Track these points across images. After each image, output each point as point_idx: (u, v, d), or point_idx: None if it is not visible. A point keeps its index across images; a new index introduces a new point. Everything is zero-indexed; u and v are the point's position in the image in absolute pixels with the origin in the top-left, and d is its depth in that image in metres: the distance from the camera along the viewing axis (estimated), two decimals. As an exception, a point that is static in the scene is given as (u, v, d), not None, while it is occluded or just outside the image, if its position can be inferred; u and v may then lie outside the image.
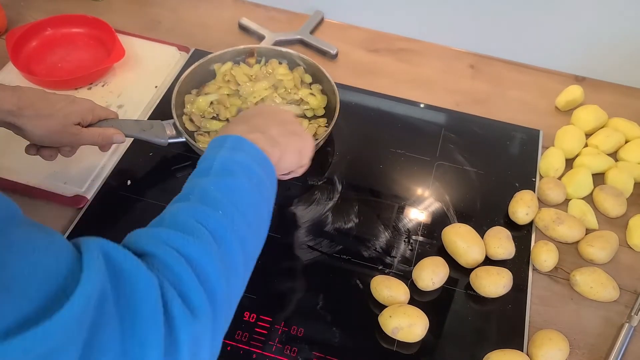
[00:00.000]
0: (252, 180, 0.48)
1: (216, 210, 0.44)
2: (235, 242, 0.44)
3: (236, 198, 0.46)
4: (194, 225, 0.42)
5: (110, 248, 0.36)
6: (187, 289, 0.38)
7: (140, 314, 0.35)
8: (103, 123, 0.70)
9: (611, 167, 0.81)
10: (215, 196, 0.45)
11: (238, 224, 0.45)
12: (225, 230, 0.43)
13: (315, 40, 0.97)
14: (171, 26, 1.00)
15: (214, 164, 0.48)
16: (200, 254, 0.40)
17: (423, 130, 0.87)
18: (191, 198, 0.45)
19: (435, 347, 0.64)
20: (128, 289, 0.35)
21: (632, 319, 0.66)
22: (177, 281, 0.38)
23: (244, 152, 0.50)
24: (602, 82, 0.95)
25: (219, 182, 0.46)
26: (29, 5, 1.02)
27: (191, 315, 0.38)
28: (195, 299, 0.38)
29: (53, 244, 0.34)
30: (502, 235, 0.71)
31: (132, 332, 0.34)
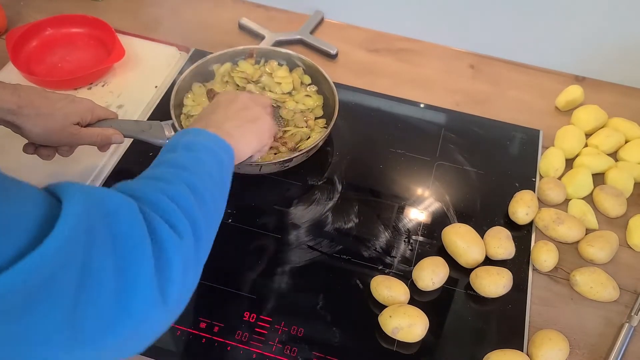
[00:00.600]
0: (213, 156, 0.52)
1: (188, 172, 0.48)
2: (206, 194, 0.48)
3: (201, 165, 0.50)
4: (170, 177, 0.47)
5: (85, 186, 0.38)
6: (171, 216, 0.42)
7: (126, 237, 0.37)
8: (102, 123, 0.70)
9: (611, 167, 0.81)
10: (183, 162, 0.49)
11: (205, 182, 0.49)
12: (196, 183, 0.47)
13: (315, 40, 0.97)
14: (171, 26, 1.00)
15: (178, 145, 0.52)
16: (178, 194, 0.44)
17: (423, 130, 0.87)
18: (163, 164, 0.50)
19: (435, 347, 0.64)
20: (111, 217, 0.37)
21: (632, 319, 0.66)
22: (162, 211, 0.42)
23: (204, 136, 0.54)
24: (602, 82, 0.95)
25: (185, 154, 0.50)
26: (28, 5, 1.02)
27: (177, 237, 0.41)
28: (180, 224, 0.42)
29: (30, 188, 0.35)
30: (502, 235, 0.71)
31: (122, 255, 0.36)
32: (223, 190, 0.52)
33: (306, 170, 0.80)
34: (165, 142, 0.74)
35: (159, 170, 0.48)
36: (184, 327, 0.64)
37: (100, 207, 0.37)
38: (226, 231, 0.72)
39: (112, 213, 0.37)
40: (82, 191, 0.36)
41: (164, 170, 0.48)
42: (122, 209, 0.38)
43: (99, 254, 0.34)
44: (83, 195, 0.35)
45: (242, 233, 0.73)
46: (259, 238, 0.72)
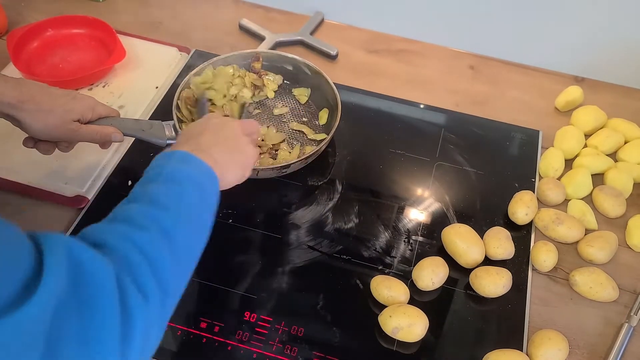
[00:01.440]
0: (197, 189, 0.50)
1: (166, 212, 0.46)
2: (183, 241, 0.47)
3: (182, 203, 0.48)
4: (145, 222, 0.45)
5: (74, 245, 0.38)
6: (140, 275, 0.41)
7: (98, 305, 0.37)
8: (103, 121, 0.71)
9: (610, 167, 0.81)
10: (164, 201, 0.47)
11: (184, 226, 0.47)
12: (174, 230, 0.46)
13: (315, 41, 0.98)
14: (172, 27, 1.01)
15: (163, 172, 0.50)
16: (151, 246, 0.43)
17: (423, 130, 0.87)
18: (142, 200, 0.47)
19: (435, 347, 0.64)
20: (87, 281, 0.37)
21: (632, 319, 0.66)
22: (131, 268, 0.41)
23: (190, 165, 0.52)
24: (601, 82, 0.96)
25: (168, 189, 0.48)
26: (29, 6, 1.02)
27: (144, 300, 0.40)
28: (148, 283, 0.41)
29: (14, 237, 0.35)
30: (501, 236, 0.71)
31: (91, 323, 0.36)
32: (202, 229, 0.50)
33: (306, 170, 0.80)
34: (166, 142, 0.74)
35: (136, 210, 0.46)
36: (184, 327, 0.64)
37: (80, 270, 0.37)
38: (226, 231, 0.73)
39: (90, 279, 0.37)
40: (67, 251, 0.36)
41: (141, 209, 0.46)
42: (99, 274, 0.38)
43: (66, 321, 0.35)
44: (67, 257, 0.36)
45: (243, 233, 0.73)
46: (259, 238, 0.73)
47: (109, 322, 0.37)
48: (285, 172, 0.75)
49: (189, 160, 0.52)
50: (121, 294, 0.39)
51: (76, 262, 0.37)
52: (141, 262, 0.42)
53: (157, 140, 0.73)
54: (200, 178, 0.51)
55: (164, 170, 0.50)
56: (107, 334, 0.37)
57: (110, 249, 0.41)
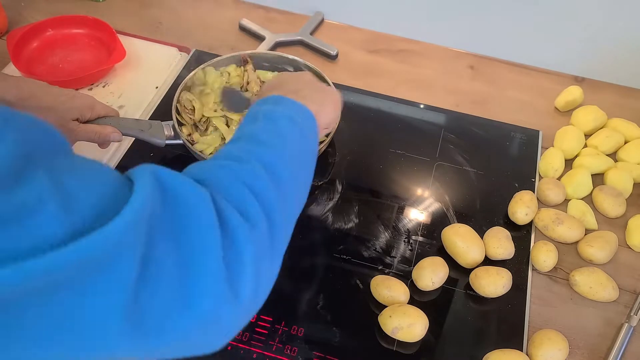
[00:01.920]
0: (295, 126, 0.50)
1: (268, 148, 0.45)
2: (285, 174, 0.45)
3: (282, 139, 0.47)
4: (246, 157, 0.44)
5: (159, 169, 0.36)
6: (243, 202, 0.39)
7: (195, 227, 0.35)
8: (102, 120, 0.71)
9: (610, 167, 0.81)
10: (263, 137, 0.47)
11: (286, 161, 0.46)
12: (275, 163, 0.45)
13: (315, 41, 0.98)
14: (172, 27, 1.01)
15: (259, 114, 0.49)
16: (254, 177, 0.42)
17: (423, 130, 0.87)
18: (241, 139, 0.47)
19: (435, 347, 0.64)
20: (180, 204, 0.35)
21: (632, 319, 0.66)
22: (234, 197, 0.39)
23: (285, 106, 0.51)
24: (601, 82, 0.96)
25: (266, 126, 0.48)
26: (29, 6, 1.02)
27: (249, 225, 0.38)
28: (252, 211, 0.39)
29: (103, 168, 0.34)
30: (501, 236, 0.71)
31: (188, 244, 0.34)
32: (306, 164, 0.50)
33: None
34: (164, 142, 0.74)
35: (236, 147, 0.46)
36: (184, 326, 0.64)
37: (170, 193, 0.35)
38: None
39: (181, 201, 0.35)
40: (153, 174, 0.35)
41: (241, 146, 0.46)
42: (192, 196, 0.36)
43: (162, 243, 0.33)
44: (153, 179, 0.34)
45: (243, 233, 0.73)
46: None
47: (209, 245, 0.35)
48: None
49: (282, 102, 0.51)
50: (220, 216, 0.36)
51: (166, 184, 0.35)
52: (244, 191, 0.40)
53: (157, 140, 0.73)
54: (297, 117, 0.51)
55: (259, 113, 0.50)
56: (208, 258, 0.35)
57: (210, 180, 0.40)
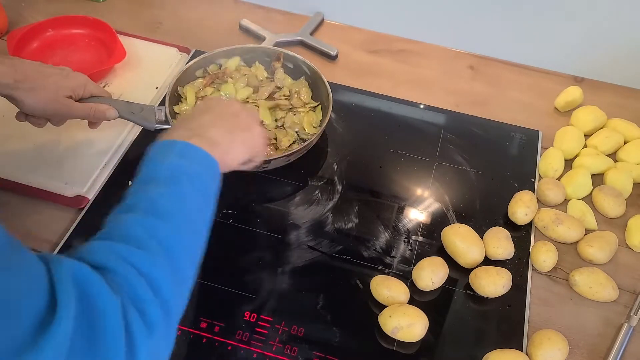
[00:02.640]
0: (197, 186, 0.49)
1: (165, 221, 0.45)
2: (183, 251, 0.46)
3: (182, 207, 0.47)
4: (145, 238, 0.43)
5: (78, 273, 0.38)
6: (144, 305, 0.40)
7: (105, 337, 0.37)
8: (95, 100, 0.72)
9: (610, 167, 0.81)
10: (163, 206, 0.46)
11: (184, 233, 0.46)
12: (174, 241, 0.45)
13: (315, 41, 0.98)
14: (172, 27, 1.01)
15: (161, 171, 0.49)
16: (154, 269, 0.42)
17: (423, 131, 0.87)
18: (140, 208, 0.46)
19: (435, 346, 0.64)
20: (94, 314, 0.37)
21: (631, 319, 0.66)
22: (136, 298, 0.40)
23: (190, 158, 0.51)
24: (601, 83, 0.96)
25: (167, 191, 0.47)
26: (30, 7, 1.02)
27: (148, 331, 0.39)
28: (152, 313, 0.40)
29: (32, 267, 0.36)
30: (501, 236, 0.71)
31: (97, 355, 0.36)
32: (202, 229, 0.49)
33: (306, 170, 0.80)
34: (155, 125, 0.75)
35: (134, 223, 0.45)
36: (184, 327, 0.64)
37: (88, 307, 0.37)
38: (226, 231, 0.73)
39: (97, 315, 0.37)
40: (73, 286, 0.36)
41: (140, 222, 0.44)
42: (107, 310, 0.38)
43: (79, 354, 0.35)
44: (74, 293, 0.36)
45: (242, 233, 0.73)
46: (259, 238, 0.73)
47: (115, 353, 0.37)
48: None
49: (187, 153, 0.51)
50: (127, 327, 0.38)
51: (85, 295, 0.37)
52: (143, 288, 0.41)
53: (147, 123, 0.75)
54: (200, 171, 0.50)
55: (162, 167, 0.49)
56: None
57: (111, 272, 0.40)
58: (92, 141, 0.81)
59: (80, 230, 0.71)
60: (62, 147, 0.80)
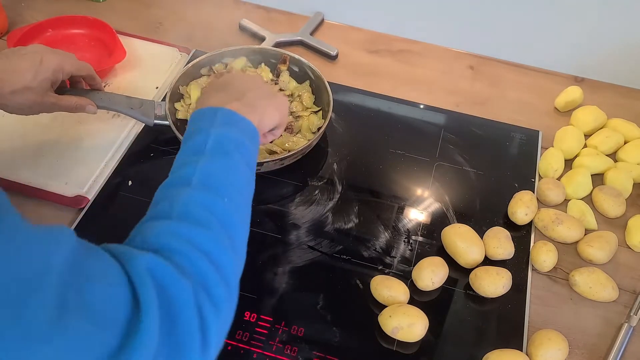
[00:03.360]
0: (244, 157, 0.50)
1: (220, 196, 0.46)
2: (239, 226, 0.47)
3: (234, 179, 0.48)
4: (203, 215, 0.44)
5: (153, 265, 0.38)
6: (211, 286, 0.41)
7: (182, 325, 0.38)
8: (96, 93, 0.72)
9: (610, 167, 0.81)
10: (216, 180, 0.46)
11: (238, 207, 0.47)
12: (230, 217, 0.45)
13: (315, 41, 0.98)
14: (172, 27, 1.01)
15: (208, 141, 0.49)
16: (215, 247, 0.43)
17: (423, 131, 0.87)
18: (194, 182, 0.46)
19: (435, 346, 0.64)
20: (171, 303, 0.38)
21: (631, 319, 0.66)
22: (203, 280, 0.41)
23: (236, 127, 0.51)
24: (601, 83, 0.96)
25: (217, 164, 0.48)
26: (30, 7, 1.02)
27: (216, 312, 0.40)
28: (219, 294, 0.41)
29: (110, 269, 0.36)
30: (501, 236, 0.71)
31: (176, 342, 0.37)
32: (250, 204, 0.51)
33: (306, 170, 0.80)
34: (153, 121, 0.75)
35: (192, 200, 0.45)
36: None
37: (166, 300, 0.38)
38: (227, 231, 0.73)
39: (176, 302, 0.38)
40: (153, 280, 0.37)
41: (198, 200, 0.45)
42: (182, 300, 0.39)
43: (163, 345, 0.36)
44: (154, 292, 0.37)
45: (243, 233, 0.73)
46: (259, 238, 0.73)
47: (192, 341, 0.38)
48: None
49: (231, 121, 0.51)
50: (199, 311, 0.39)
51: (161, 287, 0.38)
52: (209, 269, 0.41)
53: (146, 119, 0.75)
54: (244, 140, 0.51)
55: (209, 138, 0.49)
56: (191, 351, 0.38)
57: (177, 255, 0.41)
58: (92, 141, 0.81)
59: (81, 230, 0.71)
60: (62, 147, 0.80)
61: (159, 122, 0.76)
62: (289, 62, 0.86)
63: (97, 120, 0.83)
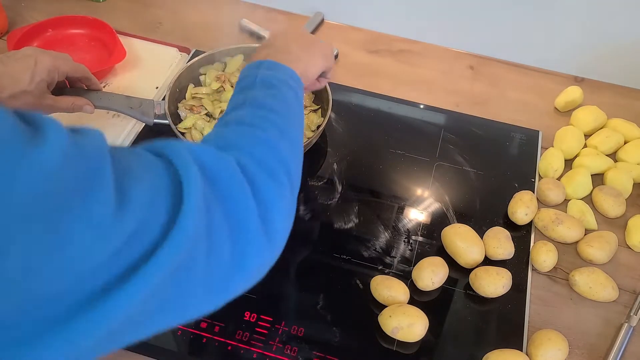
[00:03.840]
0: (292, 90, 0.54)
1: (273, 112, 0.49)
2: (293, 136, 0.49)
3: (284, 103, 0.51)
4: (260, 122, 0.47)
5: (195, 152, 0.39)
6: (269, 165, 0.43)
7: (234, 198, 0.39)
8: (93, 94, 0.72)
9: (610, 167, 0.81)
10: (269, 102, 0.50)
11: (290, 123, 0.50)
12: (284, 127, 0.49)
13: (315, 41, 0.98)
14: (172, 27, 1.01)
15: (256, 80, 0.53)
16: (273, 142, 0.46)
17: (423, 131, 0.87)
18: (248, 105, 0.50)
19: (435, 346, 0.64)
20: (218, 181, 0.39)
21: (631, 319, 0.66)
22: (260, 161, 0.43)
23: (279, 71, 0.55)
24: (601, 83, 0.96)
25: (268, 92, 0.51)
26: (30, 7, 1.02)
27: (276, 184, 0.43)
28: (277, 171, 0.43)
29: (152, 162, 0.36)
30: (501, 236, 0.71)
31: (231, 215, 0.38)
32: (302, 124, 0.54)
33: (306, 170, 0.80)
34: (153, 121, 0.75)
35: (246, 113, 0.49)
36: (184, 326, 0.64)
37: (208, 172, 0.38)
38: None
39: (218, 178, 0.39)
40: (195, 161, 0.37)
41: (251, 112, 0.49)
42: (224, 171, 0.40)
43: (215, 217, 0.37)
44: (195, 163, 0.37)
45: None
46: (259, 238, 0.73)
47: (247, 211, 0.39)
48: None
49: (275, 67, 0.55)
50: (250, 181, 0.41)
51: (205, 165, 0.38)
52: (268, 154, 0.44)
53: (146, 118, 0.75)
54: (291, 82, 0.55)
55: (257, 79, 0.53)
56: (250, 223, 0.39)
57: (239, 149, 0.43)
58: (92, 141, 0.81)
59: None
60: (62, 147, 0.80)
61: (159, 121, 0.76)
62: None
63: (97, 120, 0.83)
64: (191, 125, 0.79)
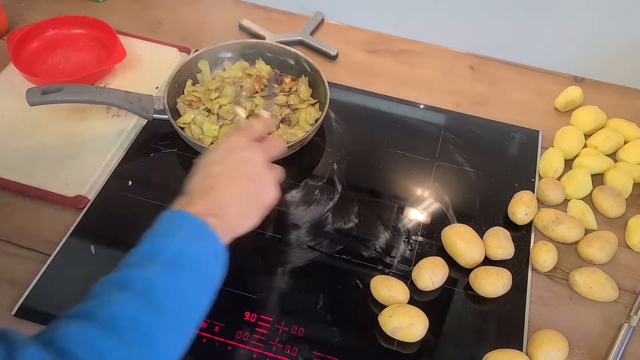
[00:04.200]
0: (201, 278, 0.47)
1: (155, 313, 0.43)
2: (164, 344, 0.43)
3: (179, 300, 0.45)
4: (127, 328, 0.41)
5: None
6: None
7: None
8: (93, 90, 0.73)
9: (610, 167, 0.81)
10: (158, 295, 0.43)
11: (172, 328, 0.44)
12: (159, 337, 0.43)
13: (315, 41, 0.98)
14: (172, 27, 1.01)
15: (167, 251, 0.46)
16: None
17: (423, 131, 0.87)
18: (134, 289, 0.43)
19: (435, 346, 0.64)
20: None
21: (631, 319, 0.66)
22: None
23: (201, 243, 0.48)
24: (601, 82, 0.96)
25: (166, 277, 0.45)
26: (30, 7, 1.02)
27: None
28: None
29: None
30: (501, 236, 0.71)
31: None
32: (192, 326, 0.47)
33: (306, 170, 0.80)
34: (152, 116, 0.75)
35: (123, 307, 0.42)
36: (184, 326, 0.64)
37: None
38: (227, 231, 0.73)
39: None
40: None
41: (129, 308, 0.42)
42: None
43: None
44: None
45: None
46: (259, 238, 0.73)
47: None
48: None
49: (200, 236, 0.48)
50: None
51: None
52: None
53: (145, 113, 0.76)
54: (210, 260, 0.48)
55: (170, 246, 0.46)
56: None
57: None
58: (92, 141, 0.81)
59: (81, 230, 0.71)
60: (63, 147, 0.80)
61: (158, 116, 0.76)
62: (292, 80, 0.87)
63: (97, 120, 0.83)
64: (190, 120, 0.80)
